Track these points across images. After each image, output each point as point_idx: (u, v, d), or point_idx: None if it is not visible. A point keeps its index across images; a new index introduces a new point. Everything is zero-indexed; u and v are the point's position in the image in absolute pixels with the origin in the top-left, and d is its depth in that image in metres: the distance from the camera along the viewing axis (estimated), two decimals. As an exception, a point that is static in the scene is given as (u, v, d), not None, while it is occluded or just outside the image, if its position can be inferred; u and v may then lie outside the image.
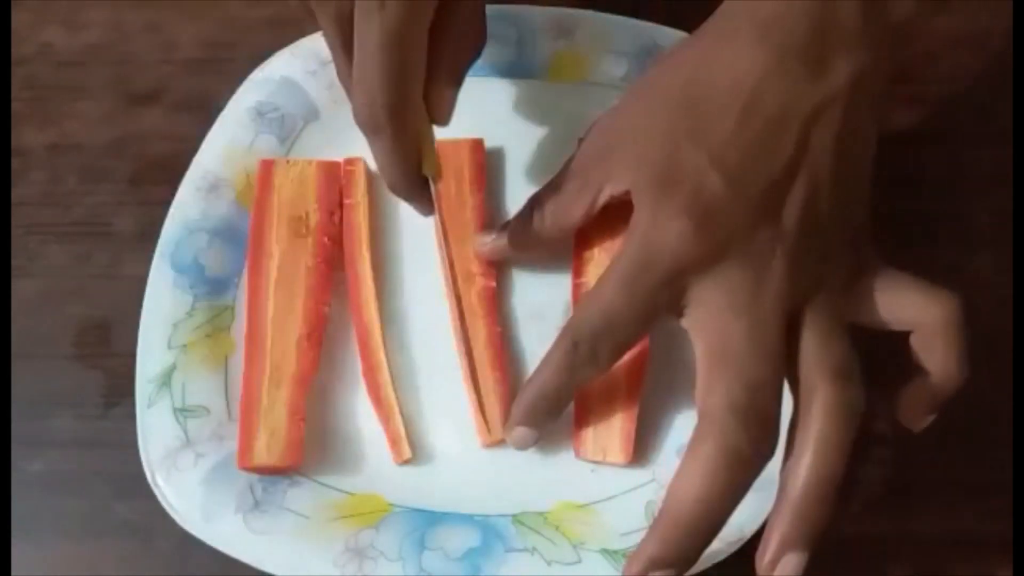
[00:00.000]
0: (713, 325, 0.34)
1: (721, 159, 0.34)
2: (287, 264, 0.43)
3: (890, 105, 0.43)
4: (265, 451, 0.39)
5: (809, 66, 0.34)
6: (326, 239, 0.44)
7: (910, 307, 0.36)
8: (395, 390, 0.41)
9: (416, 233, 0.45)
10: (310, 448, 0.40)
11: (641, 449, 0.40)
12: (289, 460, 0.39)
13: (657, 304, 0.35)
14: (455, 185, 0.45)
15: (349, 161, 0.46)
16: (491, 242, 0.43)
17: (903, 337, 0.36)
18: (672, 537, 0.33)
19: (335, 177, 0.45)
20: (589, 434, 0.40)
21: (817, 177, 0.35)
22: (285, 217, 0.44)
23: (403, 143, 0.37)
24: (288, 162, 0.45)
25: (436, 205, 0.40)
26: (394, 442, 0.41)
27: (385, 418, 0.41)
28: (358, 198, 0.45)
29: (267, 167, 0.45)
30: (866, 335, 0.36)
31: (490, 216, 0.45)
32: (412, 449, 0.40)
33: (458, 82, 0.40)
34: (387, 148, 0.37)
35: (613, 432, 0.40)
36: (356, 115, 0.37)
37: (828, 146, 0.35)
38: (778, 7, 0.35)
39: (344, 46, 0.37)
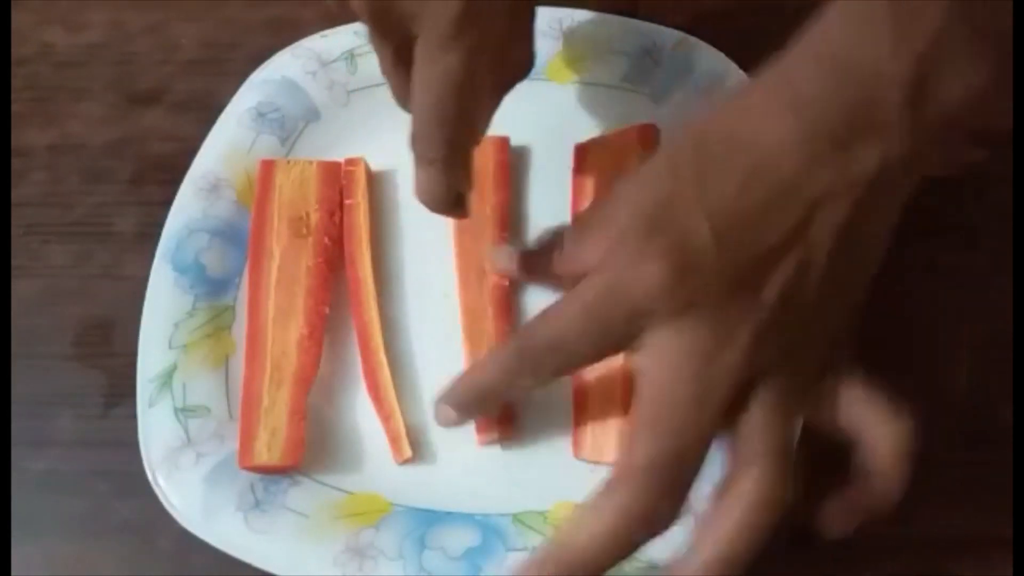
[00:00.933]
0: (661, 378, 0.33)
1: (715, 215, 0.33)
2: (288, 264, 0.43)
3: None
4: (266, 450, 0.39)
5: (834, 150, 0.33)
6: (326, 239, 0.44)
7: (867, 427, 0.34)
8: (395, 390, 0.41)
9: (417, 233, 0.45)
10: (310, 448, 0.40)
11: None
12: (290, 460, 0.39)
13: (612, 338, 0.34)
14: (477, 182, 0.45)
15: (349, 161, 0.46)
16: (505, 263, 0.42)
17: (903, 330, 0.35)
18: (551, 571, 0.32)
19: (336, 177, 0.45)
20: (587, 434, 0.40)
21: (808, 263, 0.33)
22: (286, 217, 0.44)
23: (454, 172, 0.37)
24: (289, 162, 0.45)
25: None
26: (394, 441, 0.41)
27: (385, 417, 0.41)
28: (358, 198, 0.45)
29: (268, 167, 0.45)
30: (871, 323, 0.35)
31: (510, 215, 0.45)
32: (412, 448, 0.40)
33: (500, 101, 0.40)
34: (437, 177, 0.37)
35: (611, 432, 0.40)
36: (414, 145, 0.37)
37: (828, 235, 0.33)
38: (821, 87, 0.33)
39: (397, 64, 0.37)
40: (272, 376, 0.41)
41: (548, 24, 0.48)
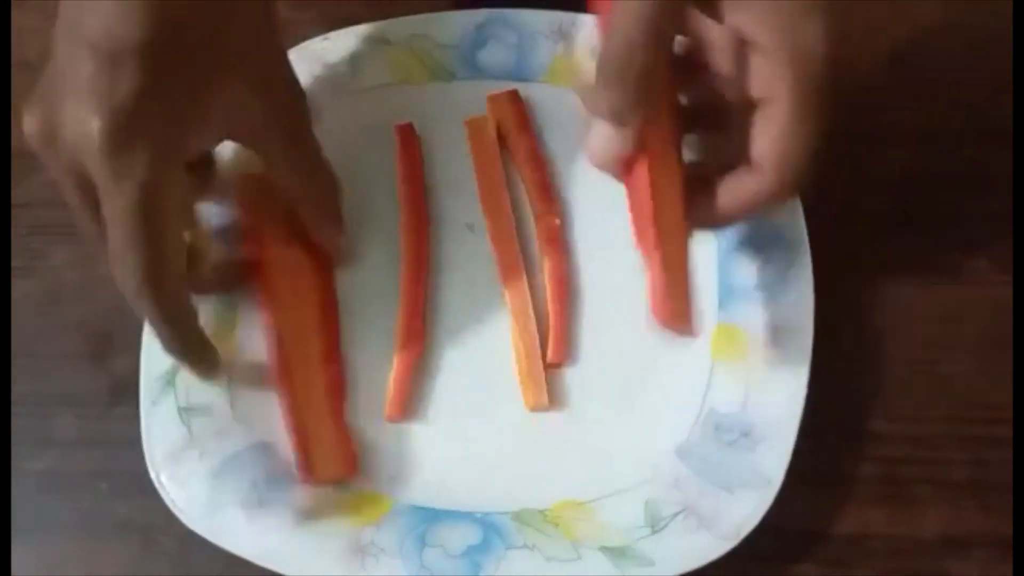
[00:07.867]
0: None
1: None
2: (286, 278, 0.43)
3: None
4: (326, 467, 0.39)
5: None
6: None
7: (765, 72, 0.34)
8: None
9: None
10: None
11: (641, 446, 0.40)
12: (350, 470, 0.40)
13: None
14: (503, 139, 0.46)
15: None
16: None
17: (903, 330, 0.34)
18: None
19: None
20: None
21: None
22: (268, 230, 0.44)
23: (167, 308, 0.35)
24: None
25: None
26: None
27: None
28: None
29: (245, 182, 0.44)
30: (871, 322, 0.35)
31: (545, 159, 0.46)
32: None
33: (338, 220, 0.42)
34: (153, 315, 0.35)
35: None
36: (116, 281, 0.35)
37: None
38: None
39: (85, 202, 0.35)
40: (309, 394, 0.41)
41: (548, 27, 0.48)
